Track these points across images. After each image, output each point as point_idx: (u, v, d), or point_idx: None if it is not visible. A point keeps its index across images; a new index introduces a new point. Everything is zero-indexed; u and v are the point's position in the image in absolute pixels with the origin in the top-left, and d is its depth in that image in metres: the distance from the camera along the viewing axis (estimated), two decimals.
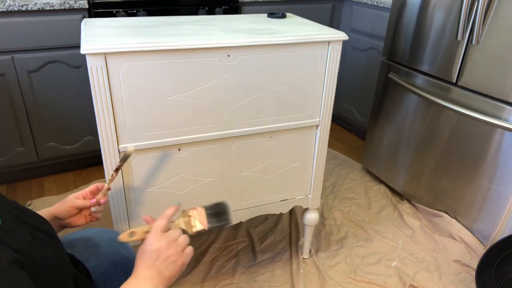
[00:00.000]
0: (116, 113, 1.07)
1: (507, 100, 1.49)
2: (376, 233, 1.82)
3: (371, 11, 2.34)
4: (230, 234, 1.79)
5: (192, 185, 1.27)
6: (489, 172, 1.60)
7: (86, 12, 1.90)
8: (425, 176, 1.89)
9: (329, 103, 1.32)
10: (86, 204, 0.95)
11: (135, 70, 1.04)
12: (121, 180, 1.16)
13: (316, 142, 1.39)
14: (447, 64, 1.68)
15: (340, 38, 1.22)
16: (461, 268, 1.63)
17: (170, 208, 0.85)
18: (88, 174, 2.22)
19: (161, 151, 1.18)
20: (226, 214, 0.89)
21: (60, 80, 1.95)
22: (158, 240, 0.77)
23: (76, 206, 0.94)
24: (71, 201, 0.94)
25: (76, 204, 0.94)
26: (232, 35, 1.14)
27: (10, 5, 1.73)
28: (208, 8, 2.12)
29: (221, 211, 0.89)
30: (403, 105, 1.93)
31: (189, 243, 0.81)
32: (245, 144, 1.28)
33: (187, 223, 0.87)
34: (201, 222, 0.87)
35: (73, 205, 0.93)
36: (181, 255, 0.78)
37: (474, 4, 1.51)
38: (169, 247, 0.77)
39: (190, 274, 1.57)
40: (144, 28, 1.18)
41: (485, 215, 1.65)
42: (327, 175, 2.25)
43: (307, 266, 1.63)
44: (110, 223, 1.24)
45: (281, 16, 1.45)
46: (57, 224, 0.94)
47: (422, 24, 1.76)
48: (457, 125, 1.69)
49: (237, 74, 1.16)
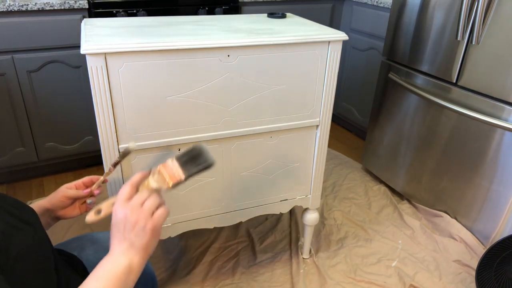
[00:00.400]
0: (116, 113, 1.07)
1: (507, 100, 1.49)
2: (376, 233, 1.82)
3: (371, 11, 2.34)
4: (230, 234, 1.79)
5: (192, 185, 1.27)
6: (489, 172, 1.60)
7: (86, 12, 1.90)
8: (425, 176, 1.89)
9: (329, 103, 1.32)
10: (80, 194, 0.92)
11: (135, 70, 1.04)
12: (121, 180, 1.16)
13: (316, 142, 1.39)
14: (447, 64, 1.68)
15: (340, 38, 1.22)
16: (461, 268, 1.63)
17: (136, 174, 0.76)
18: (88, 174, 2.20)
19: (161, 151, 1.18)
20: (203, 155, 0.77)
21: (60, 80, 1.95)
22: (123, 208, 0.70)
23: (69, 196, 0.91)
24: (64, 191, 0.91)
25: (69, 194, 0.91)
26: (232, 35, 1.14)
27: (10, 5, 1.73)
28: (208, 8, 2.12)
29: (196, 154, 0.78)
30: (403, 105, 1.93)
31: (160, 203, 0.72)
32: (245, 144, 1.28)
33: (160, 180, 0.76)
34: (175, 173, 0.76)
35: (66, 195, 0.91)
36: (149, 220, 0.69)
37: (474, 4, 1.51)
38: (133, 213, 0.69)
39: (190, 274, 1.57)
40: (144, 28, 1.18)
41: (485, 215, 1.65)
42: (327, 175, 2.25)
43: (307, 266, 1.63)
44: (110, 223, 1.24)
45: (281, 16, 1.45)
46: (51, 216, 0.92)
47: (422, 24, 1.76)
48: (457, 125, 1.69)
49: (237, 74, 1.16)
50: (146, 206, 0.70)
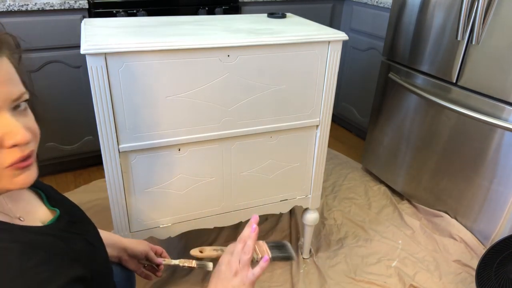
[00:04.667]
0: (116, 113, 1.07)
1: (507, 100, 1.49)
2: (376, 233, 1.82)
3: (371, 11, 2.34)
4: (230, 234, 1.79)
5: (192, 185, 1.27)
6: (489, 172, 1.60)
7: (86, 12, 1.90)
8: (425, 176, 1.89)
9: (329, 103, 1.32)
10: (154, 260, 0.97)
11: (135, 70, 1.04)
12: (121, 180, 1.16)
13: (316, 142, 1.39)
14: (447, 64, 1.68)
15: (340, 38, 1.22)
16: (461, 268, 1.63)
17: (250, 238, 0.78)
18: (88, 174, 2.22)
19: (161, 151, 1.18)
20: (288, 249, 0.90)
21: (60, 80, 1.95)
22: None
23: (148, 256, 0.97)
24: (148, 249, 0.96)
25: (150, 255, 0.97)
26: (232, 35, 1.14)
27: (10, 5, 1.73)
28: (208, 8, 2.12)
29: (282, 245, 0.90)
30: (403, 105, 1.93)
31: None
32: (245, 144, 1.28)
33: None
34: (264, 251, 0.86)
35: (147, 255, 0.96)
36: None
37: (474, 4, 1.51)
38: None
39: (190, 274, 1.57)
40: (144, 28, 1.18)
41: (485, 215, 1.65)
42: (327, 175, 2.25)
43: (307, 266, 1.63)
44: (110, 223, 1.24)
45: (281, 16, 1.45)
46: (126, 253, 0.95)
47: (422, 24, 1.76)
48: (457, 125, 1.69)
49: (237, 74, 1.16)
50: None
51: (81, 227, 0.71)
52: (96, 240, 0.73)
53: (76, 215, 0.73)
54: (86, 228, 0.73)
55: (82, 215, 0.76)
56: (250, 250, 0.74)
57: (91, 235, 0.72)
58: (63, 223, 0.67)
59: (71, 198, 0.79)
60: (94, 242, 0.72)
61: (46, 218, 0.66)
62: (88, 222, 0.76)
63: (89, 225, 0.75)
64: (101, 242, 0.75)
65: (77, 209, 0.76)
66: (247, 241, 0.75)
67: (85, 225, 0.73)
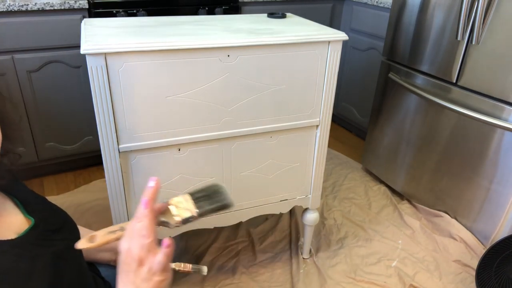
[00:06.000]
0: (116, 113, 1.07)
1: (507, 100, 1.49)
2: (376, 233, 1.82)
3: (371, 11, 2.33)
4: (230, 234, 1.79)
5: (192, 185, 1.27)
6: (489, 172, 1.60)
7: (86, 12, 1.90)
8: (425, 176, 1.89)
9: (329, 103, 1.32)
10: None
11: (135, 70, 1.04)
12: (121, 180, 1.16)
13: (316, 142, 1.39)
14: (447, 64, 1.68)
15: (340, 38, 1.22)
16: (461, 268, 1.63)
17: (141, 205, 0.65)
18: (88, 174, 2.22)
19: (161, 151, 1.18)
20: (220, 195, 0.71)
21: (60, 80, 1.95)
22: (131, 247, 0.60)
23: None
24: None
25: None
26: (232, 35, 1.14)
27: (10, 5, 1.73)
28: (208, 8, 2.12)
29: (212, 192, 0.71)
30: (403, 105, 1.93)
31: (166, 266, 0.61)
32: (245, 144, 1.28)
33: (168, 215, 0.71)
34: (186, 209, 0.70)
35: None
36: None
37: (474, 4, 1.51)
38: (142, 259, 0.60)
39: (190, 274, 1.57)
40: (144, 28, 1.18)
41: (485, 215, 1.65)
42: (327, 175, 2.25)
43: (307, 266, 1.63)
44: (110, 223, 1.24)
45: (281, 16, 1.45)
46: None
47: (422, 24, 1.76)
48: (457, 125, 1.69)
49: (237, 74, 1.16)
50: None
51: (57, 236, 0.67)
52: (70, 252, 0.66)
53: (55, 222, 0.69)
54: (63, 236, 0.68)
55: (62, 222, 0.71)
56: (149, 232, 0.60)
57: (67, 244, 0.66)
58: (35, 234, 0.63)
59: (71, 198, 0.78)
60: (67, 255, 0.66)
61: (21, 228, 0.63)
62: (69, 229, 0.71)
63: (69, 233, 0.70)
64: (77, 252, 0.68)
65: (58, 215, 0.72)
66: (143, 220, 0.60)
67: (63, 233, 0.69)
